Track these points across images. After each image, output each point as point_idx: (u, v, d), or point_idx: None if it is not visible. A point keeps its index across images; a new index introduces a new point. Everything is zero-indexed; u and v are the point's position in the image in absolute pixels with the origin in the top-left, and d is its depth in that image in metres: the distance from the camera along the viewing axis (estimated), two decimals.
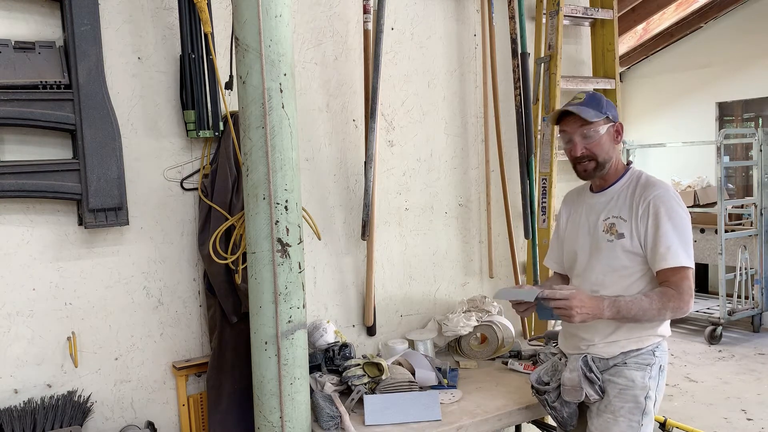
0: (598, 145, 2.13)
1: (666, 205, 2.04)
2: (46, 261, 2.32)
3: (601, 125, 2.12)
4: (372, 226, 2.85)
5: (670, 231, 2.02)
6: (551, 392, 2.20)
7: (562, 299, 1.94)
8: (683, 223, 2.04)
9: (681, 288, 2.00)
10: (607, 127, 2.14)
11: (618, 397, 2.10)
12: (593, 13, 3.40)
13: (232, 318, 2.51)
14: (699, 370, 5.07)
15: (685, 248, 2.02)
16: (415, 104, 3.09)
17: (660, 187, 2.09)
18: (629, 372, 2.10)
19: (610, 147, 2.16)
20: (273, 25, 2.01)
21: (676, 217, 2.04)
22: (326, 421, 2.24)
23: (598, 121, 2.11)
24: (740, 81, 6.79)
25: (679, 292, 2.00)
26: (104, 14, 2.33)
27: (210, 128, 2.47)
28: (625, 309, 1.99)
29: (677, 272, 2.01)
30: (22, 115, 2.15)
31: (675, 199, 2.07)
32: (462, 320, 2.91)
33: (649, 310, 1.99)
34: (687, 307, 2.00)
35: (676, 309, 2.00)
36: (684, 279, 2.01)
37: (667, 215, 2.03)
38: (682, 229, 2.03)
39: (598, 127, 2.12)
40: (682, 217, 2.05)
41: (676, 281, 2.01)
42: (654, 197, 2.06)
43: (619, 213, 2.13)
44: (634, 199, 2.11)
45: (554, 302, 1.96)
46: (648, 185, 2.11)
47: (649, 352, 2.11)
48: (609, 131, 2.15)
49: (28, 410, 2.21)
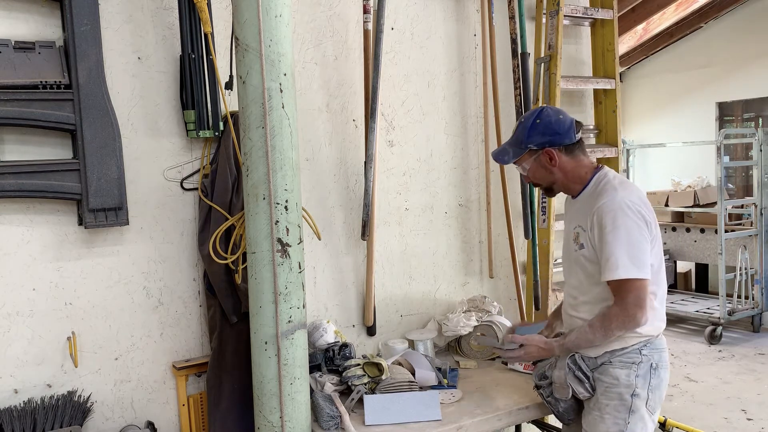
0: (532, 175, 2.23)
1: (609, 215, 2.02)
2: (46, 261, 2.32)
3: (525, 160, 2.21)
4: (372, 226, 2.85)
5: (611, 241, 2.00)
6: (545, 387, 2.28)
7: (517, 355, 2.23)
8: (628, 232, 2.00)
9: (625, 301, 2.00)
10: (533, 158, 2.19)
11: (604, 395, 2.12)
12: (593, 13, 3.40)
13: (232, 318, 2.51)
14: (699, 370, 5.07)
15: (631, 258, 1.98)
16: (415, 104, 3.09)
17: (608, 196, 2.06)
18: (614, 370, 2.11)
19: (545, 173, 2.20)
20: (273, 25, 2.01)
21: (620, 227, 2.00)
22: (326, 421, 2.24)
23: (520, 158, 2.21)
24: (740, 81, 6.79)
25: (623, 307, 2.00)
26: (104, 14, 2.33)
27: (210, 128, 2.47)
28: (574, 346, 2.14)
29: (620, 285, 2.01)
30: (22, 115, 2.15)
31: (622, 208, 2.02)
32: (462, 320, 2.91)
33: (595, 339, 2.09)
34: (635, 320, 2.01)
35: (620, 325, 2.03)
36: (628, 291, 2.00)
37: (610, 225, 2.01)
38: (625, 239, 1.99)
39: (522, 163, 2.23)
40: (626, 227, 2.00)
41: (621, 294, 2.01)
42: (598, 207, 2.06)
43: (580, 222, 2.16)
44: (589, 209, 2.11)
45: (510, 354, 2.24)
46: (597, 194, 2.11)
47: (635, 350, 2.11)
48: (538, 160, 2.18)
49: (28, 410, 2.21)
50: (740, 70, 6.78)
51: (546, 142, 2.15)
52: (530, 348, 2.18)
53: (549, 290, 3.25)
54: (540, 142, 2.15)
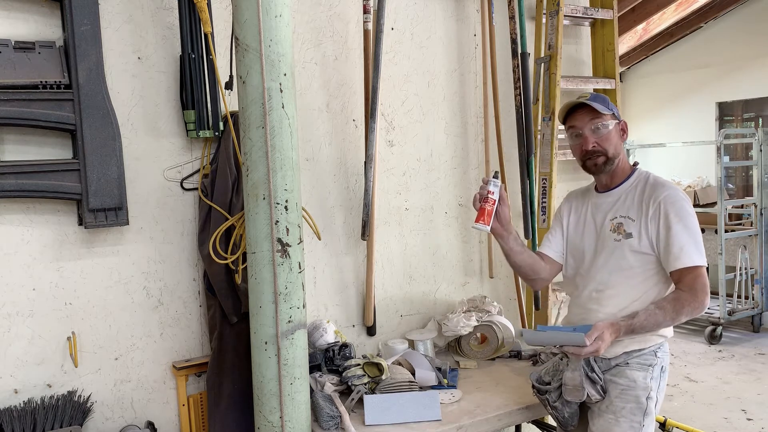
0: (607, 139, 2.15)
1: (676, 206, 2.07)
2: (46, 261, 2.32)
3: (610, 119, 2.15)
4: (372, 226, 2.85)
5: (681, 231, 2.04)
6: (552, 392, 2.20)
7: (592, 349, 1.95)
8: (693, 222, 2.07)
9: (695, 287, 2.02)
10: (615, 122, 2.17)
11: (620, 398, 2.09)
12: (593, 13, 3.40)
13: (232, 318, 2.51)
14: (699, 370, 5.07)
15: (697, 247, 2.05)
16: (415, 104, 3.09)
17: (669, 188, 2.12)
18: (631, 372, 2.10)
19: (618, 143, 2.18)
20: (273, 25, 2.01)
21: (687, 217, 2.06)
22: (326, 421, 2.24)
23: (607, 115, 2.14)
24: (740, 81, 6.79)
25: (693, 293, 2.02)
26: (104, 14, 2.33)
27: (210, 128, 2.47)
28: (640, 328, 2.03)
29: (691, 271, 2.03)
30: (22, 115, 2.14)
31: (684, 199, 2.10)
32: (462, 320, 2.91)
33: (664, 322, 2.04)
34: (703, 306, 2.03)
35: (691, 311, 2.03)
36: (698, 277, 2.03)
37: (678, 216, 2.05)
38: (692, 229, 2.06)
39: (607, 121, 2.14)
40: (692, 217, 2.08)
41: (690, 281, 2.03)
42: (664, 198, 2.08)
43: (627, 213, 2.14)
44: (643, 199, 2.13)
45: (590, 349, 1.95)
46: (657, 186, 2.14)
47: (651, 352, 2.12)
48: (616, 128, 2.18)
49: (28, 410, 2.21)
50: (740, 70, 6.78)
51: (620, 117, 2.20)
52: (605, 334, 1.97)
53: (549, 290, 3.25)
54: (618, 115, 2.19)
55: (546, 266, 2.34)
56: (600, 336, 1.96)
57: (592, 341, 1.95)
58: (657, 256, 2.09)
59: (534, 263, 2.33)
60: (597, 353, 1.97)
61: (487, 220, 2.17)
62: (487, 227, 2.17)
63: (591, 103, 2.12)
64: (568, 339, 1.99)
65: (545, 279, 2.38)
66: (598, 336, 1.96)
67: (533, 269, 2.33)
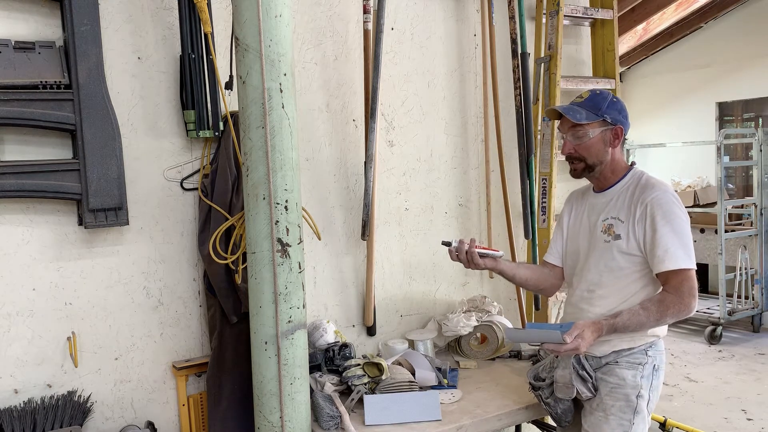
0: (586, 147, 2.15)
1: (663, 208, 2.04)
2: (46, 261, 2.32)
3: (593, 128, 2.13)
4: (372, 226, 2.85)
5: (667, 233, 2.02)
6: (545, 389, 2.23)
7: (572, 347, 1.95)
8: (681, 224, 2.04)
9: (681, 290, 2.00)
10: (601, 130, 2.14)
11: (609, 396, 2.11)
12: (593, 13, 3.40)
13: (232, 318, 2.51)
14: (699, 370, 5.07)
15: (684, 249, 2.02)
16: (415, 104, 3.09)
17: (658, 189, 2.09)
18: (620, 371, 2.11)
19: (602, 150, 2.15)
20: (273, 25, 2.01)
21: (674, 218, 2.03)
22: (326, 421, 2.24)
23: (589, 124, 2.12)
24: (740, 81, 6.78)
25: (679, 295, 2.00)
26: (104, 14, 2.33)
27: (210, 128, 2.47)
28: (623, 327, 2.02)
29: (677, 274, 2.01)
30: (22, 115, 2.14)
31: (673, 200, 2.07)
32: (462, 320, 2.91)
33: (648, 323, 2.03)
34: (689, 309, 2.01)
35: (676, 313, 2.01)
36: (684, 281, 2.01)
37: (665, 218, 2.03)
38: (680, 231, 2.03)
39: (588, 129, 2.13)
40: (680, 218, 2.04)
41: (676, 284, 2.01)
42: (651, 199, 2.06)
43: (617, 214, 2.14)
44: (632, 200, 2.11)
45: (569, 347, 1.95)
46: (646, 187, 2.11)
47: (642, 351, 2.12)
48: (603, 134, 2.14)
49: (28, 410, 2.21)
50: (740, 70, 6.78)
51: (618, 122, 2.16)
52: (585, 332, 1.98)
53: None
54: (614, 119, 2.14)
55: (551, 274, 2.38)
56: (580, 334, 1.96)
57: (572, 339, 1.95)
58: (645, 258, 2.09)
59: (537, 275, 2.37)
60: (577, 351, 1.96)
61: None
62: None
63: (568, 111, 2.12)
64: (547, 337, 2.00)
65: (555, 285, 2.40)
66: (578, 334, 1.96)
67: (538, 280, 2.37)
